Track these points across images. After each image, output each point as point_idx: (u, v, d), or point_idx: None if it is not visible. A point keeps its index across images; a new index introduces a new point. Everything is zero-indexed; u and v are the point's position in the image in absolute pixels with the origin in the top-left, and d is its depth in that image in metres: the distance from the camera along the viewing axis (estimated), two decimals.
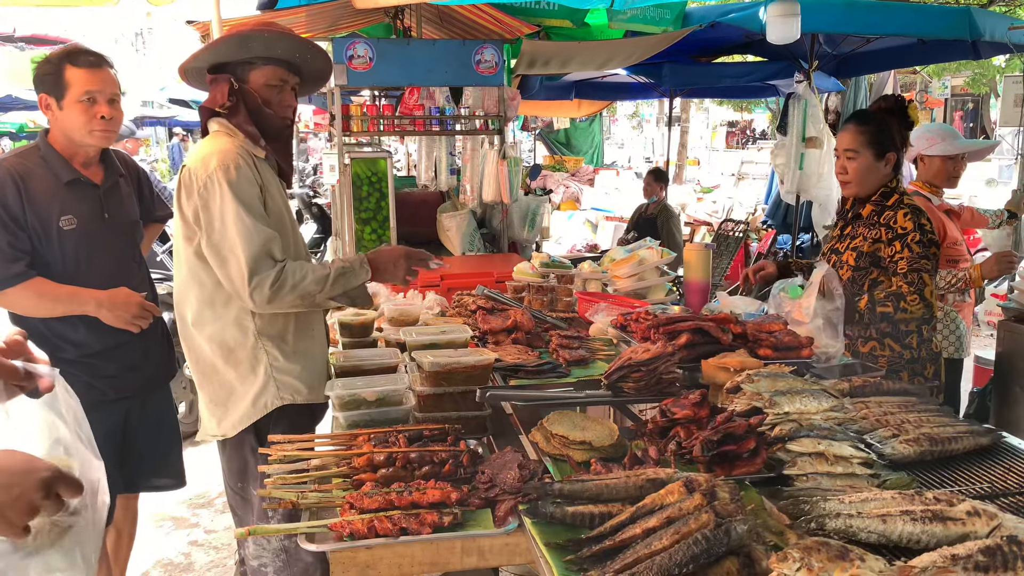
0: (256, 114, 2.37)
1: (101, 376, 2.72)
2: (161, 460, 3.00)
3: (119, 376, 2.76)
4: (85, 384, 2.63)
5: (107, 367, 2.73)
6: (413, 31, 5.67)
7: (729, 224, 8.79)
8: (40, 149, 2.66)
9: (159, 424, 2.98)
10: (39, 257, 2.60)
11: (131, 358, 2.78)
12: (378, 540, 1.61)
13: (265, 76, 2.37)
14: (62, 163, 2.65)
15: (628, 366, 2.16)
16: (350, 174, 4.87)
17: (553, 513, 1.61)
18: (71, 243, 2.64)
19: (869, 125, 2.81)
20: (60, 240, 2.62)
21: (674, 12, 5.52)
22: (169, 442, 3.04)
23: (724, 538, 1.39)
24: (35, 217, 2.58)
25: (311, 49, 2.46)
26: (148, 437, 2.93)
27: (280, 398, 2.37)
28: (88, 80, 2.59)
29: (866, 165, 2.81)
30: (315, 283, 2.25)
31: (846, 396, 2.10)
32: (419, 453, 1.85)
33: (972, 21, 4.97)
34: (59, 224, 2.61)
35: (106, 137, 2.68)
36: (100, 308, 2.62)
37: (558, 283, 3.40)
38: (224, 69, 2.36)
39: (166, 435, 3.02)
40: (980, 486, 1.78)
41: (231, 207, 2.21)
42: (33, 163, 2.64)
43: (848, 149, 2.83)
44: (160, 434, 2.98)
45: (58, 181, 2.64)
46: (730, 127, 35.15)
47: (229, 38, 2.35)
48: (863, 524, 1.48)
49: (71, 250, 2.64)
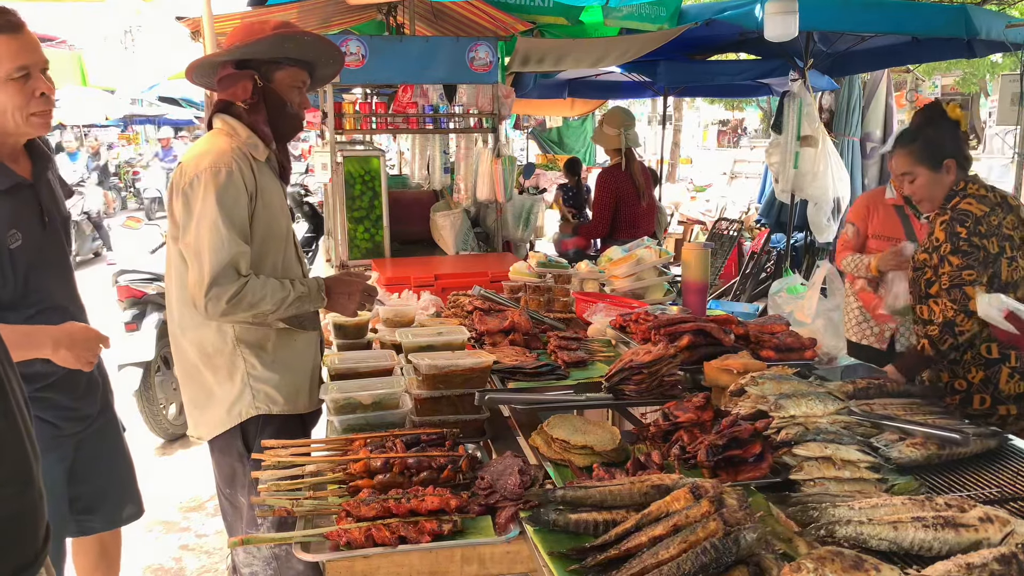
0: (277, 113, 2.34)
1: (56, 408, 2.32)
2: (125, 489, 2.65)
3: (74, 407, 2.38)
4: (38, 423, 2.21)
5: (61, 398, 2.32)
6: (406, 28, 5.61)
7: (723, 223, 8.77)
8: None
9: (114, 452, 2.61)
10: None
11: (84, 383, 2.40)
12: (376, 549, 1.57)
13: (291, 77, 2.34)
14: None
15: (629, 368, 2.13)
16: (342, 173, 4.81)
17: (556, 520, 1.57)
18: (20, 263, 2.14)
19: (915, 143, 2.69)
20: (11, 262, 2.12)
21: (669, 9, 5.49)
22: (128, 468, 2.67)
23: (733, 547, 1.35)
24: None
25: (335, 55, 2.44)
26: (107, 468, 2.57)
27: (255, 407, 2.33)
28: (17, 50, 2.01)
29: (927, 181, 2.65)
30: (272, 304, 2.22)
31: (851, 398, 2.07)
32: (417, 458, 1.81)
33: (968, 19, 4.96)
34: (7, 243, 2.10)
35: (47, 122, 2.15)
36: (58, 349, 2.05)
37: (555, 283, 3.35)
38: (247, 65, 2.30)
39: (124, 462, 2.66)
40: (989, 490, 1.75)
41: (210, 212, 2.16)
42: None
43: (904, 173, 2.70)
44: (117, 463, 2.63)
45: None
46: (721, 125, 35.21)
47: (270, 37, 2.27)
48: (874, 531, 1.45)
49: (21, 272, 2.14)
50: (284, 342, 2.37)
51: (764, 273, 8.37)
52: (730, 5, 5.25)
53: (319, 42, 2.36)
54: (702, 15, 5.58)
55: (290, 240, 2.44)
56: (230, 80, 2.28)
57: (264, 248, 2.31)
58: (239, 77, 2.27)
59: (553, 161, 16.80)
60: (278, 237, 2.36)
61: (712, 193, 13.84)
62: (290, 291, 2.26)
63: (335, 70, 2.52)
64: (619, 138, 4.94)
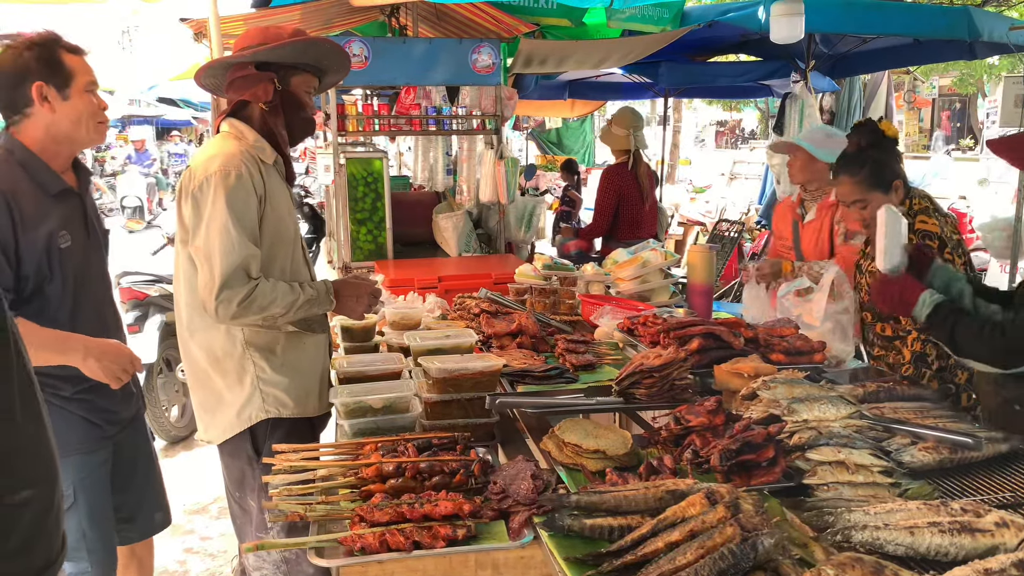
0: (294, 117, 2.36)
1: (98, 410, 2.38)
2: (156, 496, 2.71)
3: (114, 409, 2.43)
4: (83, 422, 2.34)
5: (103, 401, 2.38)
6: (409, 30, 5.61)
7: (724, 225, 8.77)
8: (14, 154, 2.19)
9: (148, 458, 2.67)
10: (38, 289, 2.20)
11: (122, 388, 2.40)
12: (390, 555, 1.56)
13: (304, 83, 2.38)
14: (47, 171, 2.23)
15: (640, 372, 2.12)
16: (345, 174, 4.81)
17: (570, 526, 1.56)
18: (68, 264, 2.25)
19: (863, 168, 2.62)
20: (60, 261, 2.22)
21: (672, 11, 5.49)
22: (158, 475, 2.73)
23: (751, 552, 1.34)
24: (31, 242, 2.16)
25: (345, 64, 2.49)
26: (142, 474, 2.63)
27: (265, 411, 2.32)
28: (87, 68, 2.26)
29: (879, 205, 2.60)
30: (282, 308, 2.22)
31: (862, 402, 2.07)
32: (429, 463, 1.80)
33: (971, 21, 4.96)
34: (57, 242, 2.22)
35: (105, 132, 2.40)
36: (88, 358, 2.16)
37: (561, 285, 3.35)
38: (266, 68, 2.31)
39: (155, 469, 2.71)
40: (1003, 495, 1.75)
41: (220, 215, 2.16)
42: (16, 174, 2.18)
43: (856, 201, 2.64)
44: (150, 469, 2.68)
45: (45, 193, 2.22)
46: (720, 126, 35.26)
47: (295, 42, 2.30)
48: (890, 536, 1.45)
49: (70, 274, 2.26)
50: (293, 345, 2.37)
51: None
52: (733, 7, 5.26)
53: (335, 50, 2.41)
54: (704, 17, 5.58)
55: (298, 243, 2.44)
56: (248, 81, 2.28)
57: (273, 251, 2.31)
58: (259, 79, 2.28)
59: (552, 162, 16.82)
60: (286, 240, 2.36)
61: (712, 194, 13.84)
62: (299, 294, 2.26)
63: (341, 78, 2.56)
64: (628, 139, 4.92)
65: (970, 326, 2.13)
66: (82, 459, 2.35)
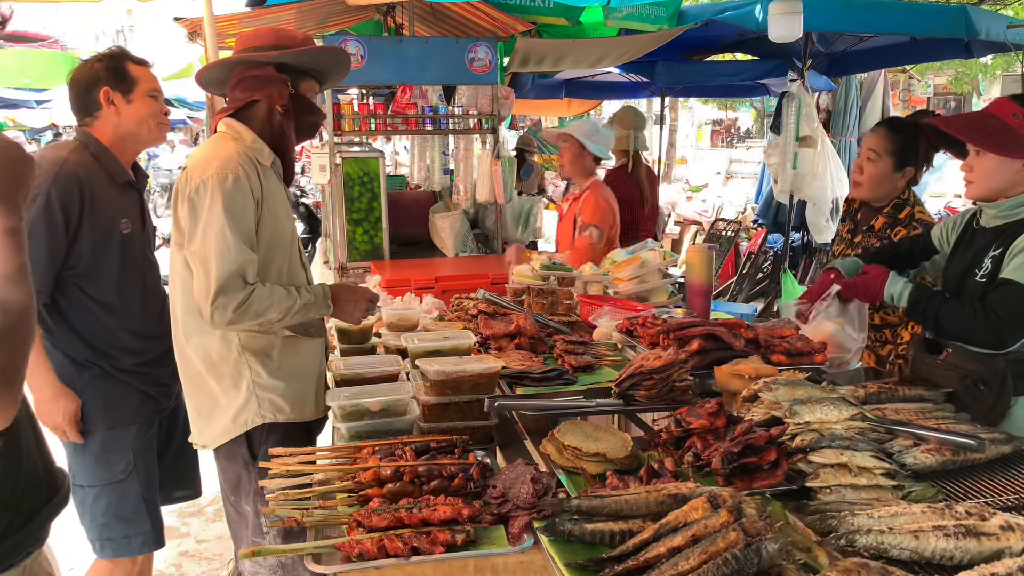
0: (304, 120, 2.39)
1: (155, 384, 2.67)
2: (188, 468, 2.98)
3: (169, 383, 2.69)
4: (140, 394, 2.62)
5: (160, 373, 2.66)
6: (405, 29, 5.58)
7: (720, 224, 8.76)
8: (88, 146, 2.53)
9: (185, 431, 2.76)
10: (94, 267, 2.49)
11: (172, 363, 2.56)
12: (389, 560, 1.54)
13: (311, 87, 2.43)
14: (115, 163, 2.58)
15: (640, 373, 2.10)
16: (341, 174, 4.78)
17: (571, 531, 1.54)
18: (128, 250, 2.57)
19: (900, 134, 2.75)
20: (121, 246, 2.55)
21: (669, 10, 5.47)
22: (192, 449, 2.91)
23: (755, 557, 1.33)
24: (94, 222, 2.46)
25: (346, 72, 2.55)
26: (178, 444, 2.85)
27: (261, 416, 2.30)
28: (151, 77, 2.61)
29: (883, 171, 2.76)
30: (278, 313, 2.21)
31: (863, 403, 2.05)
32: (427, 467, 1.78)
33: (968, 20, 4.95)
34: (120, 228, 2.55)
35: (166, 133, 2.70)
36: None
37: (559, 286, 3.32)
38: (281, 71, 2.32)
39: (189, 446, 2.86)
40: (1006, 497, 1.74)
41: (217, 220, 2.13)
42: (90, 163, 2.50)
43: (872, 149, 2.78)
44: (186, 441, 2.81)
45: (112, 182, 2.56)
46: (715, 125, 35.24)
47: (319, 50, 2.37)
48: (895, 540, 1.43)
49: (130, 256, 2.58)
50: (289, 349, 2.34)
51: (761, 274, 8.38)
52: (730, 6, 5.23)
53: (345, 59, 2.47)
54: (702, 15, 5.56)
55: (295, 246, 2.41)
56: (261, 82, 2.28)
57: (269, 254, 2.28)
58: (275, 80, 2.28)
59: (549, 161, 16.80)
60: (283, 243, 2.33)
61: (708, 193, 13.84)
62: (296, 299, 2.23)
63: (337, 83, 2.59)
64: (628, 139, 4.84)
65: (957, 310, 2.23)
66: (140, 429, 2.64)
